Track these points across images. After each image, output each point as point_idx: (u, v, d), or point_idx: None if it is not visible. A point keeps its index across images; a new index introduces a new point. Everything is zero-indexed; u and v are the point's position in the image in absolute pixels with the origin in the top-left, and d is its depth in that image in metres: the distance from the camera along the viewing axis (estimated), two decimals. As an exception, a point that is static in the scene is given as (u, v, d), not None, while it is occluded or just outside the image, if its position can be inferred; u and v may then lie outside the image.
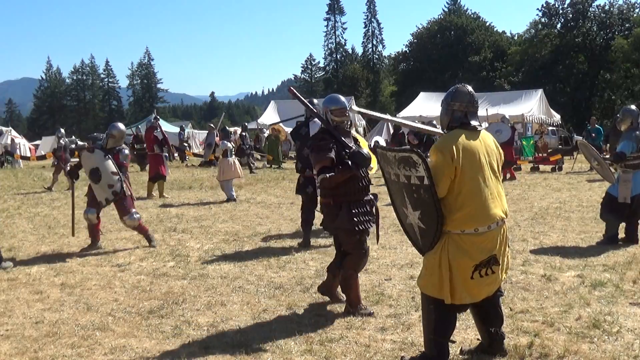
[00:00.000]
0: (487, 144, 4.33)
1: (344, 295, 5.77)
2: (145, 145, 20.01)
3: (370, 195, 5.66)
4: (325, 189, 5.54)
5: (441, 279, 4.17)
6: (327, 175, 5.38)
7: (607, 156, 8.64)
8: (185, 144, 35.77)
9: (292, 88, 6.13)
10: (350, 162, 5.39)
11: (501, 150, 4.51)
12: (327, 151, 5.43)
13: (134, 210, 8.87)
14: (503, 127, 18.99)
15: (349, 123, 5.87)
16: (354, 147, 5.51)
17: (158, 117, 17.42)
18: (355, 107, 5.73)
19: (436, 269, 4.20)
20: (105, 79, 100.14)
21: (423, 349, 4.46)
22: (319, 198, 6.30)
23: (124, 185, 8.68)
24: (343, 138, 5.59)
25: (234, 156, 14.91)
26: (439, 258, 4.19)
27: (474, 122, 4.31)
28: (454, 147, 4.12)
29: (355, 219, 5.46)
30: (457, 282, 4.16)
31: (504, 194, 4.39)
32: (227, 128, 18.06)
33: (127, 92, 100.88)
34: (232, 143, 15.42)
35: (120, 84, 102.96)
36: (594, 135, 21.05)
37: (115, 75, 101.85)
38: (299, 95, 5.98)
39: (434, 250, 4.22)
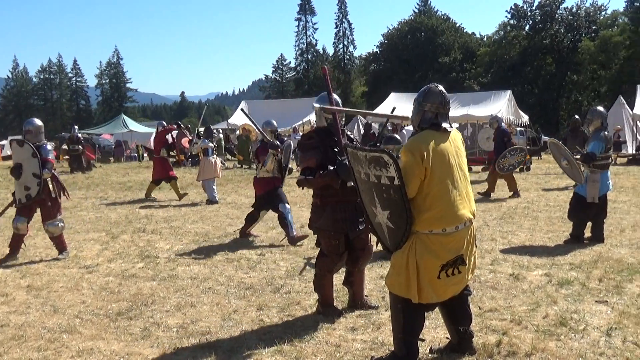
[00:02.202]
0: (456, 145, 4.36)
1: (372, 301, 5.80)
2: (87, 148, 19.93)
3: None
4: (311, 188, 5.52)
5: (408, 278, 4.20)
6: (306, 177, 5.35)
7: (578, 156, 8.70)
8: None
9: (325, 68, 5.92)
10: (334, 171, 5.31)
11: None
12: (313, 151, 5.40)
13: (60, 216, 8.33)
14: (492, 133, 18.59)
15: (342, 121, 5.76)
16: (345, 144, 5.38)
17: (180, 123, 17.25)
18: (317, 104, 5.65)
19: (403, 269, 4.22)
20: (73, 78, 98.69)
21: (393, 349, 4.48)
22: None
23: (52, 189, 8.16)
24: (335, 137, 5.51)
25: (215, 155, 14.52)
26: (406, 258, 4.21)
27: (444, 124, 4.33)
28: (424, 148, 4.13)
29: (336, 222, 5.42)
30: (424, 281, 4.19)
31: (472, 195, 4.43)
32: (210, 127, 17.64)
33: (95, 92, 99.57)
34: (214, 142, 15.00)
35: (88, 83, 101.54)
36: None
37: (84, 74, 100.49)
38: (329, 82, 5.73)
39: (402, 250, 4.24)
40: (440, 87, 4.47)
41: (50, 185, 8.17)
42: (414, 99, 4.50)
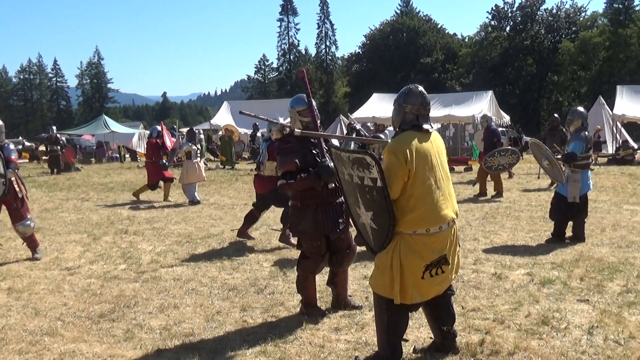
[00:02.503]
0: (437, 146, 4.38)
1: (356, 301, 5.81)
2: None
3: (342, 198, 5.41)
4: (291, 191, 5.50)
5: (392, 279, 4.21)
6: (287, 181, 5.33)
7: (559, 156, 8.75)
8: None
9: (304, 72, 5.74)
10: (316, 173, 5.27)
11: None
12: (293, 155, 5.36)
13: (29, 216, 8.28)
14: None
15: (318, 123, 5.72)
16: (326, 149, 5.35)
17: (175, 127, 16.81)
18: (297, 131, 5.51)
19: (387, 269, 4.23)
20: (54, 79, 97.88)
21: (377, 349, 4.49)
22: None
23: (19, 189, 8.04)
24: (313, 140, 5.50)
25: (198, 158, 14.24)
26: (390, 258, 4.21)
27: (425, 125, 4.34)
28: (407, 149, 4.13)
29: (318, 224, 5.41)
30: (408, 282, 4.20)
31: (454, 195, 4.45)
32: (194, 128, 17.25)
33: (76, 92, 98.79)
34: (198, 144, 14.66)
35: (69, 83, 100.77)
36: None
37: (64, 74, 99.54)
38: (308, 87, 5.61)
39: (386, 250, 4.25)
40: (421, 88, 4.47)
41: (16, 186, 8.04)
42: (394, 100, 4.51)
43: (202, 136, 28.46)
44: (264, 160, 9.00)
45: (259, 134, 25.04)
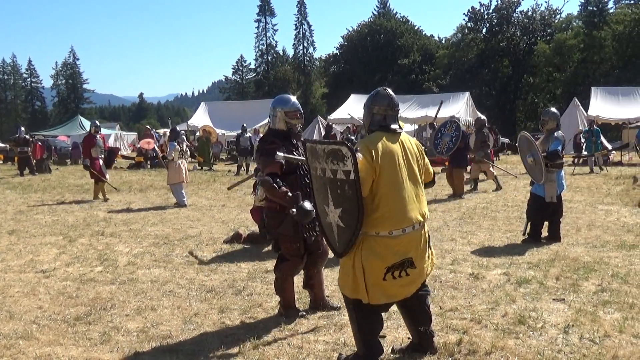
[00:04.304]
0: (407, 147, 4.39)
1: (334, 302, 5.78)
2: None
3: None
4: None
5: (355, 279, 4.24)
6: (272, 183, 5.25)
7: (544, 154, 8.68)
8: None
9: None
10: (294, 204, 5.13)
11: (424, 155, 4.60)
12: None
13: None
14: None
15: (300, 126, 5.70)
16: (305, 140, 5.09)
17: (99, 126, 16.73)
18: (280, 154, 5.43)
19: (350, 270, 4.26)
20: (28, 79, 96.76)
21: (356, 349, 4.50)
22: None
23: None
24: (294, 141, 5.49)
25: (181, 159, 13.96)
26: (352, 259, 4.24)
27: (393, 126, 4.38)
28: (372, 148, 4.17)
29: (298, 226, 5.39)
30: (370, 283, 4.21)
31: (425, 198, 4.45)
32: (176, 128, 16.91)
33: (51, 93, 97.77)
34: (182, 145, 14.24)
35: (44, 84, 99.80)
36: (593, 138, 21.61)
37: (39, 75, 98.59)
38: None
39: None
40: (388, 90, 4.52)
41: None
42: (364, 104, 4.56)
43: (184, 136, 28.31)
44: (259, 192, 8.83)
45: (248, 134, 24.75)
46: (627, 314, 5.47)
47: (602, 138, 23.65)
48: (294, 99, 5.74)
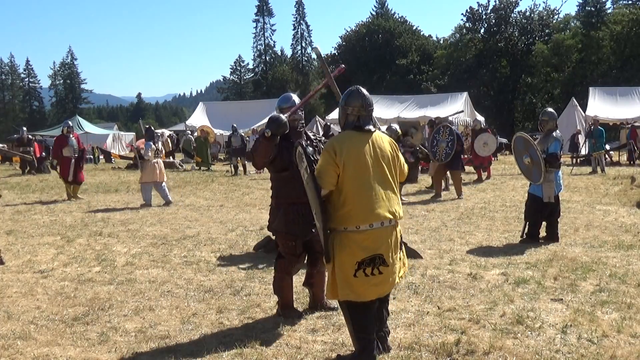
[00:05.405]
0: (379, 146, 4.42)
1: (332, 303, 5.71)
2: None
3: None
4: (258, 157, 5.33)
5: (331, 277, 4.37)
6: (262, 140, 5.14)
7: (543, 155, 8.62)
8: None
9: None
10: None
11: (400, 155, 4.61)
12: (271, 150, 5.24)
13: None
14: (489, 138, 18.73)
15: (301, 122, 5.69)
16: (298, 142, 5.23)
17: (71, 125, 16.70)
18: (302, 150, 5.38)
19: (330, 270, 4.40)
20: (26, 79, 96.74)
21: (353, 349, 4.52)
22: None
23: None
24: (293, 140, 5.48)
25: (156, 159, 13.95)
26: (332, 261, 4.34)
27: (367, 126, 4.44)
28: (337, 145, 4.31)
29: (289, 223, 5.39)
30: (339, 278, 4.29)
31: (398, 198, 4.47)
32: (152, 127, 16.83)
33: (49, 93, 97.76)
34: (158, 144, 14.29)
35: (42, 84, 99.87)
36: (593, 139, 21.56)
37: (37, 75, 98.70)
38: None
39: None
40: (362, 90, 4.56)
41: None
42: (339, 102, 4.60)
43: (191, 136, 28.53)
44: None
45: (241, 132, 24.84)
46: (625, 313, 5.47)
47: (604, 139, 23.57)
48: (291, 97, 5.77)
